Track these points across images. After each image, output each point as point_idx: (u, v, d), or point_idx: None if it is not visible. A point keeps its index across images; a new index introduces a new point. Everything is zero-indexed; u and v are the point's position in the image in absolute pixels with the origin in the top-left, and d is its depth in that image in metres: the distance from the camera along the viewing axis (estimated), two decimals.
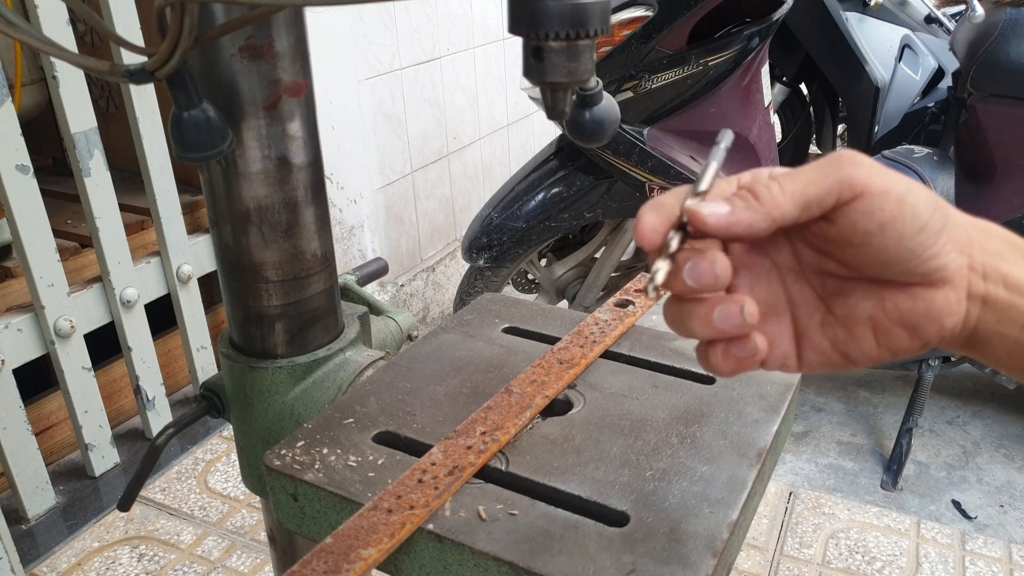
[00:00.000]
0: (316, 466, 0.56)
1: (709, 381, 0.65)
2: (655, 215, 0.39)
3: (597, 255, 2.10)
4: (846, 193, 0.37)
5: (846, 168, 0.37)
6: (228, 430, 1.96)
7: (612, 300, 0.76)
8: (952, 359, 1.84)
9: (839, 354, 0.42)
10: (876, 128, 2.04)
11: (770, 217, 0.37)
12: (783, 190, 0.37)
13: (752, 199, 0.38)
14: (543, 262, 2.14)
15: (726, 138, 0.41)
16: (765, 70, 1.84)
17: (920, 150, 1.82)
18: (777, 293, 0.42)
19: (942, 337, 0.40)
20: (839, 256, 0.40)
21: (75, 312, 1.67)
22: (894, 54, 2.09)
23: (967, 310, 0.40)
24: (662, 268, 0.38)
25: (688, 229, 0.39)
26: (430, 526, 0.49)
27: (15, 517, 1.67)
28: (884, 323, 0.40)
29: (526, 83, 1.54)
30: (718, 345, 0.41)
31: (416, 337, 0.83)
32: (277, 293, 0.66)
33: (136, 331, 1.82)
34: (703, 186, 0.39)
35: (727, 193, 0.39)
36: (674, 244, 0.38)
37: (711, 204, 0.38)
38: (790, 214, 0.38)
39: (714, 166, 0.39)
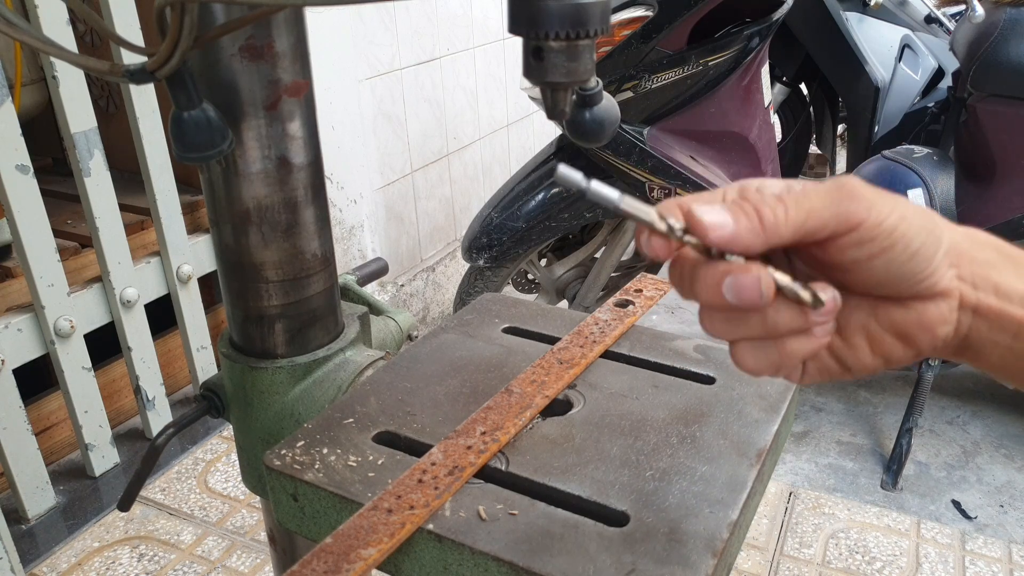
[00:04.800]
0: (316, 466, 0.56)
1: (709, 381, 0.65)
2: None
3: (597, 255, 2.10)
4: (842, 228, 0.37)
5: (844, 203, 0.37)
6: (228, 430, 1.96)
7: (612, 300, 0.76)
8: None
9: (836, 363, 0.42)
10: (876, 128, 2.04)
11: (768, 244, 0.38)
12: (787, 219, 0.37)
13: (756, 220, 0.37)
14: (543, 262, 2.14)
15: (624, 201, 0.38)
16: (765, 70, 1.84)
17: (920, 150, 1.82)
18: None
19: (935, 345, 0.41)
20: (829, 275, 0.40)
21: (75, 312, 1.67)
22: (894, 54, 2.09)
23: (959, 319, 0.40)
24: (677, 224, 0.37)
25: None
26: (430, 526, 0.49)
27: (15, 517, 1.67)
28: (877, 332, 0.41)
29: (526, 83, 1.54)
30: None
31: (416, 337, 0.83)
32: (277, 293, 0.66)
33: (136, 331, 1.82)
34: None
35: (730, 199, 0.39)
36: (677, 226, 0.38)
37: (715, 213, 0.37)
38: (786, 241, 0.38)
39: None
